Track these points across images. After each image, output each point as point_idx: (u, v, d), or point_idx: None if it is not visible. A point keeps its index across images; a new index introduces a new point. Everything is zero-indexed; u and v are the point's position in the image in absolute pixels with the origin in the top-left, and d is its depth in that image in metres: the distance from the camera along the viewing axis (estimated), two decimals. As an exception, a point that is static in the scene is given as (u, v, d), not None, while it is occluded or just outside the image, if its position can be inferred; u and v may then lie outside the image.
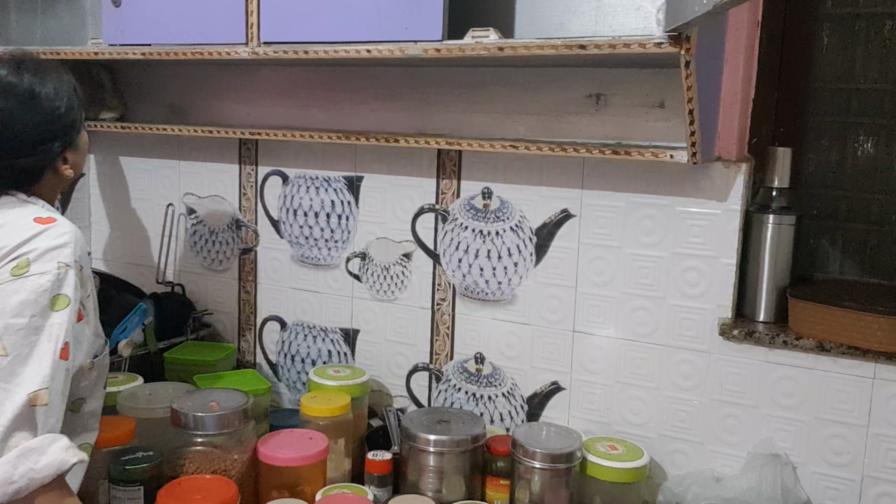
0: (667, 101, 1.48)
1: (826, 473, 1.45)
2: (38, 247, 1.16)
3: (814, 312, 1.41)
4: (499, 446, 1.54)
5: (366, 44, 1.46)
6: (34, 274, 1.14)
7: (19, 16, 1.97)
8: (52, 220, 1.20)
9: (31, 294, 1.13)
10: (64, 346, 1.14)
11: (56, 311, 1.15)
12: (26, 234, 1.17)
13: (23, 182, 1.26)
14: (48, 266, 1.15)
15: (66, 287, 1.16)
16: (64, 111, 1.27)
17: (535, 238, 1.65)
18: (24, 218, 1.20)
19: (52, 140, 1.26)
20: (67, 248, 1.18)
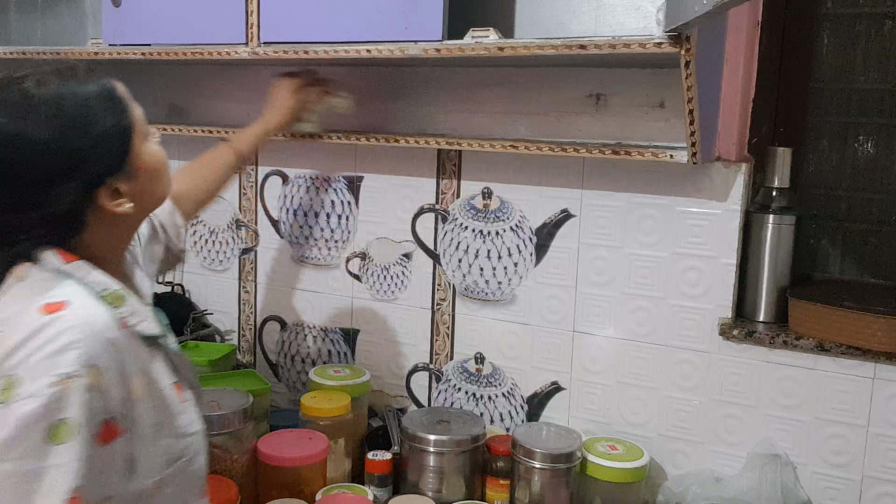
0: (667, 101, 1.48)
1: (826, 473, 1.45)
2: (31, 356, 0.85)
3: (814, 312, 1.41)
4: (499, 446, 1.54)
5: (366, 44, 1.46)
6: (18, 400, 0.83)
7: (19, 16, 1.97)
8: (61, 306, 0.89)
9: (16, 429, 0.83)
10: (72, 495, 0.84)
11: (57, 445, 0.84)
12: (19, 335, 0.87)
13: (58, 235, 0.95)
14: (37, 385, 0.84)
15: (69, 408, 0.84)
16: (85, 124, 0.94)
17: (535, 238, 1.65)
18: (30, 306, 0.89)
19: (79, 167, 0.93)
20: (72, 351, 0.86)
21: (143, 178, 1.00)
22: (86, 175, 0.94)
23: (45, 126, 0.92)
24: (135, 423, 0.93)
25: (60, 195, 0.92)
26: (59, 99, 0.93)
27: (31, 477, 0.83)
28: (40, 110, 0.92)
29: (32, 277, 0.93)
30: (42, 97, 0.93)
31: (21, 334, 0.87)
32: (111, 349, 0.90)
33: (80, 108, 0.94)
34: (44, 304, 0.89)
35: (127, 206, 0.98)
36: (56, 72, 0.96)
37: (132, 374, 0.93)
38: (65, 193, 0.93)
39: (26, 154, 0.91)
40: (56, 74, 0.96)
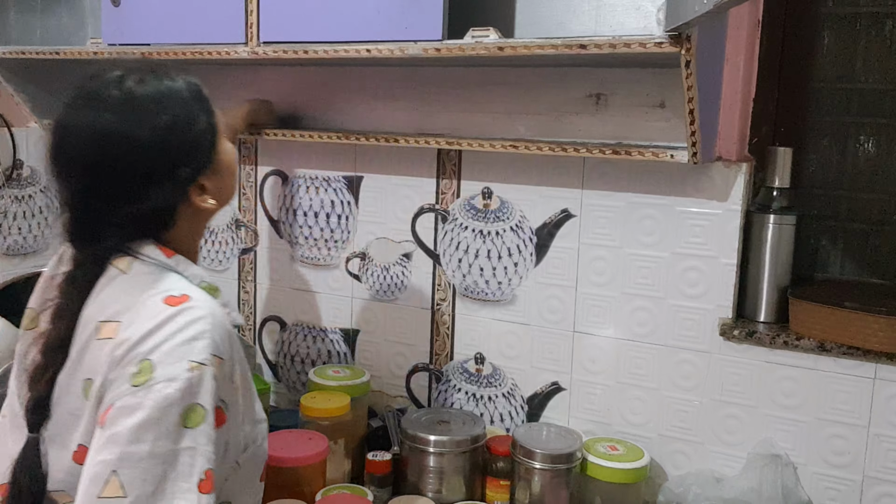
0: (667, 100, 1.48)
1: (827, 474, 1.44)
2: (165, 343, 0.89)
3: (814, 312, 1.41)
4: (499, 447, 1.54)
5: (366, 43, 1.45)
6: (159, 382, 0.86)
7: (18, 15, 1.97)
8: (184, 300, 0.93)
9: (155, 411, 0.85)
10: (205, 476, 0.87)
11: (191, 429, 0.87)
12: (150, 323, 0.90)
13: (152, 230, 0.99)
14: (177, 369, 0.87)
15: (202, 394, 0.88)
16: (184, 123, 0.98)
17: (535, 238, 1.65)
18: (152, 298, 0.93)
19: (177, 165, 0.97)
20: (202, 341, 0.90)
21: (224, 173, 1.05)
22: (183, 172, 0.98)
23: (148, 125, 0.96)
24: (232, 410, 0.95)
25: (160, 191, 0.97)
26: (160, 98, 0.98)
27: (166, 458, 0.85)
28: (144, 109, 0.96)
29: (137, 271, 0.97)
30: (145, 96, 0.97)
31: (151, 323, 0.90)
32: (228, 340, 0.94)
33: (180, 108, 0.98)
34: (166, 297, 0.93)
35: (211, 202, 1.02)
36: (152, 71, 1.00)
37: (236, 363, 0.97)
38: (164, 190, 0.97)
39: (131, 152, 0.95)
40: (152, 73, 1.00)
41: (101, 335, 0.93)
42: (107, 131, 0.95)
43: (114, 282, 0.96)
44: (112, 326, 0.92)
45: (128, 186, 0.96)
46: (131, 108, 0.96)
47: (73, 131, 0.97)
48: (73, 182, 0.98)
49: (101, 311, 0.95)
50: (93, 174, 0.96)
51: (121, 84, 0.97)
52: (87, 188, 0.97)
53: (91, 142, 0.95)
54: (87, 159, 0.96)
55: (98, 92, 0.98)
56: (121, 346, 0.89)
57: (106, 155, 0.95)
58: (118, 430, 0.85)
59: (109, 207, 0.96)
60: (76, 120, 0.97)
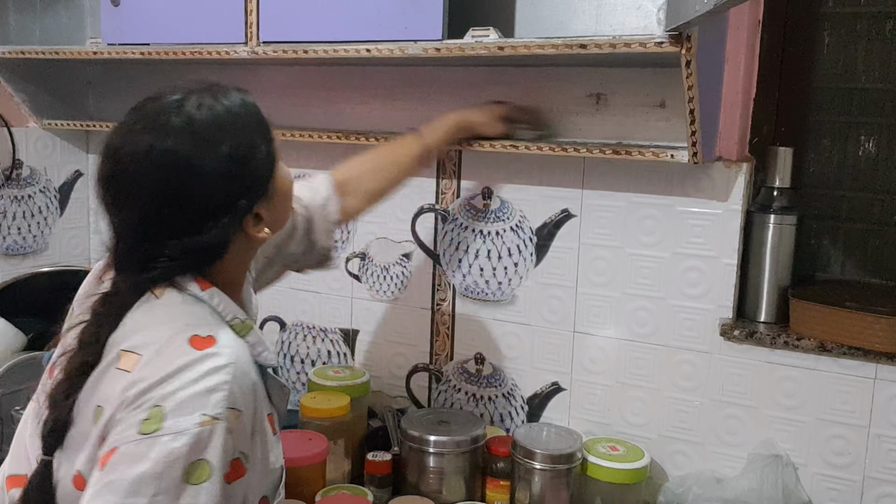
0: (667, 100, 1.48)
1: (827, 474, 1.44)
2: (180, 391, 0.83)
3: (815, 313, 1.41)
4: (499, 447, 1.54)
5: (366, 43, 1.45)
6: (167, 434, 0.81)
7: (18, 15, 1.97)
8: (210, 343, 0.87)
9: (157, 465, 0.81)
10: None
11: (194, 485, 0.82)
12: (170, 366, 0.85)
13: (202, 263, 0.94)
14: (187, 422, 0.82)
15: (210, 450, 0.83)
16: (246, 150, 0.92)
17: (535, 238, 1.65)
18: (178, 336, 0.88)
19: (237, 197, 0.92)
20: (220, 392, 0.84)
21: (280, 201, 1.00)
22: (242, 204, 0.93)
23: (209, 154, 0.90)
24: (252, 461, 0.90)
25: (217, 224, 0.91)
26: (221, 125, 0.92)
27: None
28: (205, 137, 0.91)
29: (170, 299, 0.92)
30: (206, 122, 0.91)
31: (170, 367, 0.85)
32: (250, 391, 0.89)
33: (241, 136, 0.93)
34: (192, 336, 0.88)
35: (265, 232, 0.97)
36: (211, 92, 0.94)
37: (258, 412, 0.91)
38: (221, 222, 0.92)
39: (189, 182, 0.90)
40: (211, 95, 0.94)
41: (120, 365, 0.88)
42: (165, 160, 0.89)
43: (144, 306, 0.92)
44: (132, 359, 0.88)
45: (184, 218, 0.91)
46: (191, 136, 0.90)
47: (129, 157, 0.91)
48: (127, 210, 0.92)
49: (126, 337, 0.90)
50: (149, 204, 0.90)
51: (181, 109, 0.91)
52: (141, 218, 0.91)
53: (149, 170, 0.90)
54: (144, 188, 0.90)
55: (158, 117, 0.91)
56: (135, 386, 0.85)
57: (165, 185, 0.89)
58: (117, 479, 0.81)
59: (162, 238, 0.91)
60: (133, 145, 0.91)
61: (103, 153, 0.94)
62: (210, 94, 0.94)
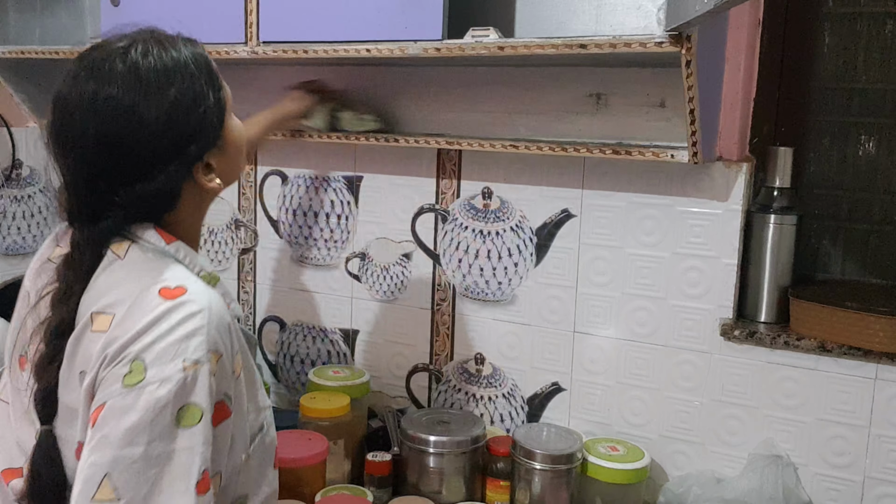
0: (667, 100, 1.48)
1: (827, 474, 1.44)
2: (158, 341, 0.85)
3: (815, 313, 1.41)
4: (499, 447, 1.54)
5: (365, 43, 1.45)
6: (151, 383, 0.83)
7: (18, 15, 1.97)
8: (180, 292, 0.88)
9: (146, 413, 0.82)
10: (202, 477, 0.84)
11: (186, 428, 0.84)
12: (144, 319, 0.86)
13: (154, 211, 0.94)
14: (170, 369, 0.84)
15: (197, 393, 0.85)
16: (192, 98, 0.93)
17: (535, 238, 1.64)
18: (148, 291, 0.88)
19: (184, 143, 0.92)
20: (198, 337, 0.86)
21: (231, 151, 1.00)
22: (190, 151, 0.93)
23: (154, 101, 0.90)
24: (236, 402, 0.92)
25: (165, 170, 0.91)
26: (167, 71, 0.92)
27: (161, 460, 0.83)
28: (150, 83, 0.90)
29: (134, 257, 0.92)
30: (151, 69, 0.91)
31: (144, 320, 0.86)
32: (227, 332, 0.90)
33: (187, 83, 0.92)
34: (161, 288, 0.88)
35: (216, 182, 0.98)
36: (156, 40, 0.94)
37: (235, 354, 0.93)
38: (169, 169, 0.92)
39: (136, 129, 0.89)
40: (158, 44, 0.94)
41: (94, 328, 0.88)
42: (110, 106, 0.89)
43: (110, 268, 0.92)
44: (105, 319, 0.88)
45: (131, 165, 0.90)
46: (136, 82, 0.90)
47: (74, 105, 0.90)
48: (73, 159, 0.92)
49: (95, 300, 0.90)
50: (95, 151, 0.90)
51: (125, 56, 0.91)
52: (88, 166, 0.91)
53: (93, 117, 0.89)
54: (88, 135, 0.90)
55: (101, 63, 0.91)
56: (112, 344, 0.86)
57: (109, 131, 0.89)
58: (109, 433, 0.82)
59: (111, 186, 0.91)
60: (78, 93, 0.91)
61: (52, 103, 0.93)
62: (157, 43, 0.94)
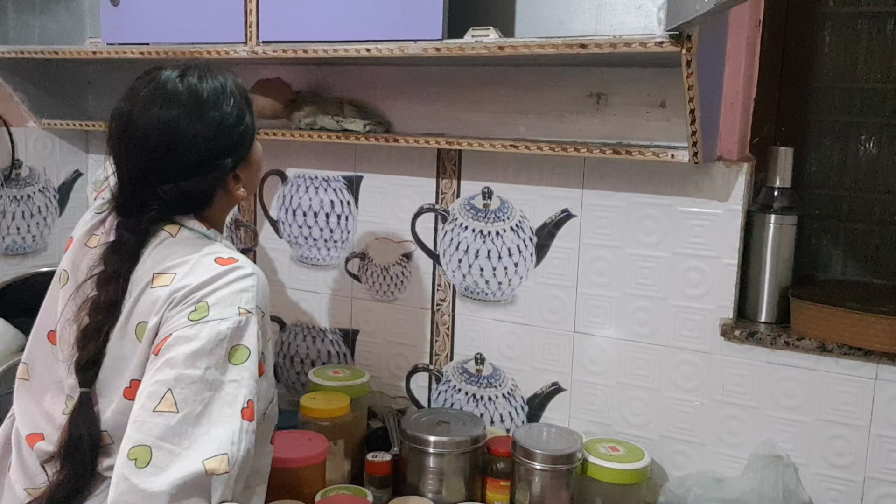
0: (668, 100, 1.48)
1: (828, 474, 1.44)
2: (219, 290, 1.02)
3: (815, 313, 1.40)
4: (499, 447, 1.54)
5: (365, 43, 1.45)
6: (213, 319, 0.99)
7: (17, 15, 1.96)
8: (233, 261, 1.06)
9: (208, 342, 0.98)
10: (247, 405, 0.98)
11: (235, 365, 0.99)
12: (206, 275, 1.03)
13: (192, 207, 1.12)
14: (228, 311, 1.00)
15: (247, 337, 1.01)
16: (234, 119, 1.11)
17: (535, 238, 1.64)
18: (205, 257, 1.06)
19: (224, 155, 1.10)
20: (249, 293, 1.03)
21: (255, 167, 1.18)
22: (227, 163, 1.11)
23: (206, 119, 1.08)
24: (267, 365, 1.08)
25: (206, 176, 1.10)
26: (217, 95, 1.10)
27: (214, 386, 0.97)
28: (204, 104, 1.09)
29: (184, 236, 1.10)
30: (205, 92, 1.10)
31: (206, 275, 1.03)
32: (267, 299, 1.08)
33: (232, 106, 1.11)
34: (216, 257, 1.06)
35: (241, 191, 1.15)
36: (207, 68, 1.13)
37: (268, 324, 1.10)
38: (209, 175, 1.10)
39: (189, 142, 1.07)
40: (208, 71, 1.12)
41: (155, 284, 1.04)
42: (169, 120, 1.07)
43: (163, 243, 1.08)
44: (167, 277, 1.04)
45: (178, 168, 1.08)
46: (194, 103, 1.08)
47: (138, 119, 1.08)
48: (132, 161, 1.09)
49: (155, 265, 1.06)
50: (151, 156, 1.07)
51: (184, 79, 1.09)
52: (144, 168, 1.08)
53: (155, 131, 1.07)
54: (149, 144, 1.07)
55: (164, 85, 1.09)
56: (179, 291, 1.02)
57: (167, 143, 1.07)
58: (175, 356, 0.97)
59: (161, 185, 1.08)
60: (141, 109, 1.08)
61: (115, 114, 1.11)
62: (207, 70, 1.13)
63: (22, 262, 2.05)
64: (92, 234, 1.17)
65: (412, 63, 1.66)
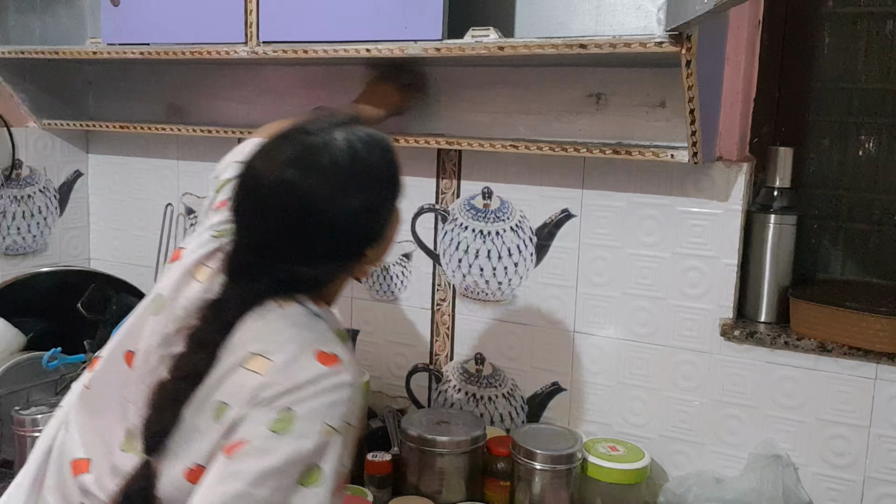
0: (667, 100, 1.48)
1: (827, 474, 1.44)
2: (309, 400, 0.91)
3: (815, 313, 1.41)
4: (499, 447, 1.54)
5: (366, 43, 1.45)
6: (293, 435, 0.89)
7: (18, 15, 1.97)
8: (335, 361, 0.95)
9: (283, 463, 0.88)
10: None
11: (306, 488, 0.89)
12: (301, 376, 0.92)
13: (309, 289, 1.01)
14: (313, 429, 0.90)
15: (326, 459, 0.91)
16: (387, 202, 1.00)
17: (535, 238, 1.64)
18: (307, 349, 0.95)
19: (364, 244, 1.00)
20: (341, 408, 0.93)
21: (388, 243, 1.06)
22: (357, 251, 1.01)
23: (345, 204, 0.96)
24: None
25: (327, 265, 1.00)
26: (362, 174, 0.97)
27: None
28: (345, 185, 0.96)
29: (293, 311, 0.98)
30: (348, 170, 0.96)
31: (302, 377, 0.92)
32: (359, 410, 0.97)
33: (376, 192, 0.99)
34: (318, 351, 0.95)
35: (367, 268, 1.05)
36: (361, 140, 0.98)
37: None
38: (331, 265, 1.00)
39: (319, 224, 0.95)
40: (361, 143, 0.98)
41: (248, 365, 0.94)
42: (305, 196, 0.94)
43: (269, 315, 0.97)
44: (262, 362, 0.93)
45: (303, 252, 0.97)
46: (333, 180, 0.95)
47: (272, 184, 0.95)
48: (254, 231, 0.98)
49: (254, 340, 0.95)
50: (275, 229, 0.96)
51: (328, 149, 0.96)
52: (266, 242, 0.97)
53: (287, 201, 0.95)
54: (274, 214, 0.96)
55: (307, 153, 0.96)
56: (268, 388, 0.91)
57: (296, 218, 0.95)
58: (244, 468, 0.88)
59: (278, 262, 0.97)
60: (279, 175, 0.95)
61: (246, 172, 0.98)
62: (360, 142, 0.98)
63: (22, 262, 2.05)
64: (202, 265, 1.06)
65: (412, 63, 1.66)
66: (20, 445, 1.48)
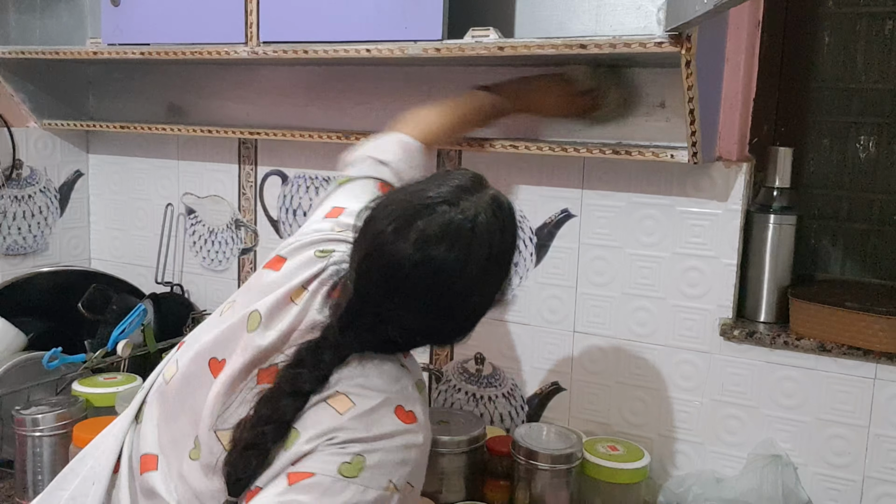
0: (667, 100, 1.48)
1: (827, 474, 1.44)
2: (381, 452, 0.93)
3: (815, 313, 1.41)
4: (499, 447, 1.54)
5: (365, 43, 1.45)
6: (358, 486, 0.90)
7: (18, 15, 1.97)
8: (412, 420, 0.96)
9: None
10: None
11: None
12: (378, 429, 0.93)
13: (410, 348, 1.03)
14: (377, 482, 0.91)
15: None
16: (495, 292, 1.01)
17: (535, 238, 1.65)
18: (388, 403, 0.96)
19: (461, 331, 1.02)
20: (408, 468, 0.95)
21: None
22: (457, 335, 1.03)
23: (488, 286, 0.98)
24: None
25: (441, 338, 1.04)
26: (503, 261, 0.99)
27: None
28: (475, 278, 0.95)
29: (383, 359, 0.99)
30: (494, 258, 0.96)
31: (380, 429, 0.93)
32: (424, 469, 1.00)
33: (509, 272, 1.01)
34: (398, 407, 0.96)
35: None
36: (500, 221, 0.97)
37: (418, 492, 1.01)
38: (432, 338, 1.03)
39: (450, 309, 0.97)
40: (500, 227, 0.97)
41: (331, 402, 0.95)
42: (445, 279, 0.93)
43: (368, 364, 0.98)
44: (345, 402, 0.94)
45: (430, 326, 0.99)
46: (477, 266, 0.94)
47: (409, 257, 0.92)
48: (380, 296, 0.96)
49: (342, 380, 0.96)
50: (406, 304, 0.95)
51: (470, 230, 0.93)
52: (390, 307, 0.96)
53: (413, 277, 0.93)
54: (407, 290, 0.94)
55: (444, 228, 0.93)
56: (344, 432, 0.92)
57: (424, 298, 0.94)
58: (303, 501, 0.89)
59: (393, 326, 0.97)
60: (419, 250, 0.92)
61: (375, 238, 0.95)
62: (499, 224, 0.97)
63: (22, 262, 2.05)
64: (303, 287, 1.03)
65: (412, 63, 1.66)
66: (20, 445, 1.48)
